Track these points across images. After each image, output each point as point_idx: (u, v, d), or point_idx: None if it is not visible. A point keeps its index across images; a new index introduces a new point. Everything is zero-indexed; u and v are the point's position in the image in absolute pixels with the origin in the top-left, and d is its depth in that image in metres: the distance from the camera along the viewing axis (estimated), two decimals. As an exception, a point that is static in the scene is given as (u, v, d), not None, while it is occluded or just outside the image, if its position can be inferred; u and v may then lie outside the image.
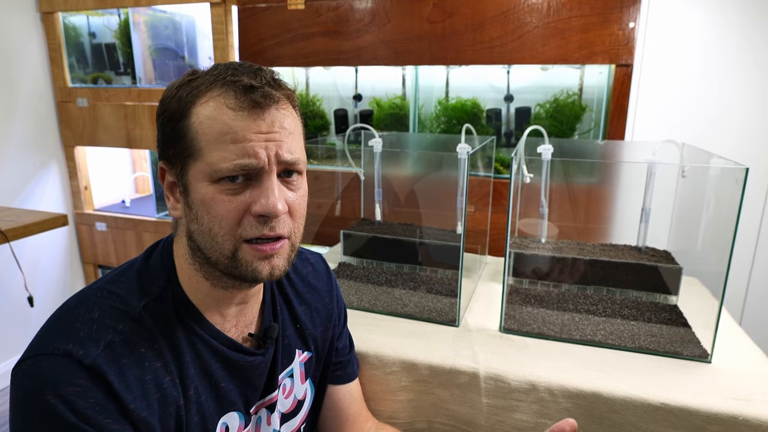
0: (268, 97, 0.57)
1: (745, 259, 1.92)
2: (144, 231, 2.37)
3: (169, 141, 0.59)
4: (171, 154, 0.59)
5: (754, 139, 1.82)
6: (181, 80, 0.60)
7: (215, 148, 0.56)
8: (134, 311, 0.59)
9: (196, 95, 0.57)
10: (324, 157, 1.76)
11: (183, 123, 0.57)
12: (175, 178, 0.60)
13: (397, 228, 1.39)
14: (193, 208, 0.59)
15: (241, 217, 0.57)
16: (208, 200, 0.57)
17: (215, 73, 0.58)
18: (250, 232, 0.58)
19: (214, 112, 0.56)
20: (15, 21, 2.20)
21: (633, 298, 1.13)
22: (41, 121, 2.34)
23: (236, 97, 0.56)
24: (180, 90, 0.58)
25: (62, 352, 0.53)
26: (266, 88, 0.57)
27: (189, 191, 0.58)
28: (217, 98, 0.56)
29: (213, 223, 0.57)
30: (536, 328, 1.02)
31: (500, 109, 1.82)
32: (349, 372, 0.88)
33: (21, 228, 1.64)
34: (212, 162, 0.56)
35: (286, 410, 0.76)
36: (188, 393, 0.60)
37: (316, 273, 0.84)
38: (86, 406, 0.51)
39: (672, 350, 0.93)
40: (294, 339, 0.77)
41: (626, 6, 1.49)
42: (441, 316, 1.07)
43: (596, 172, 1.53)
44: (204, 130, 0.56)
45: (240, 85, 0.56)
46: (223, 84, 0.57)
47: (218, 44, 2.09)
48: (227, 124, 0.55)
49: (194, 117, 0.57)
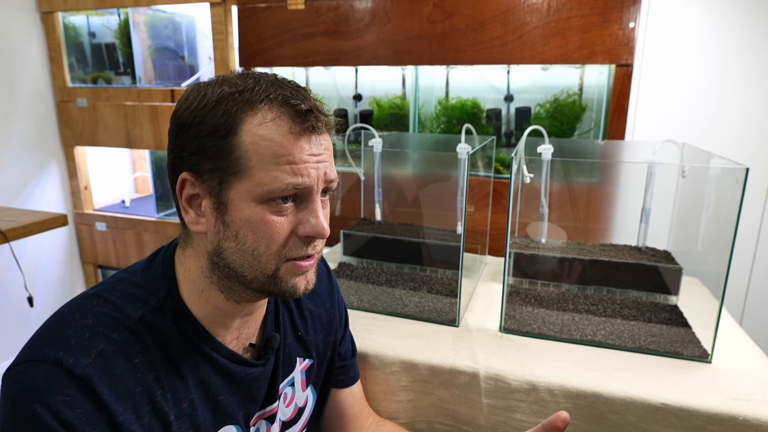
0: (320, 121, 0.58)
1: (745, 259, 1.92)
2: (144, 231, 2.37)
3: (207, 155, 0.56)
4: (206, 168, 0.56)
5: (754, 139, 1.82)
6: (220, 91, 0.56)
7: (268, 169, 0.55)
8: (129, 321, 0.57)
9: (246, 111, 0.55)
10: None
11: (230, 140, 0.55)
12: (206, 192, 0.58)
13: (397, 228, 1.39)
14: (232, 227, 0.57)
15: (288, 238, 0.58)
16: (256, 221, 0.56)
17: (263, 90, 0.56)
18: (295, 252, 0.59)
19: (271, 133, 0.55)
20: (15, 21, 2.20)
21: (633, 298, 1.13)
22: (41, 121, 2.34)
23: (292, 121, 0.56)
24: (225, 103, 0.55)
25: (52, 360, 0.52)
26: (317, 112, 0.57)
27: (229, 209, 0.57)
28: (275, 120, 0.55)
29: (258, 244, 0.57)
30: (536, 328, 1.02)
31: (500, 109, 1.82)
32: (352, 375, 0.88)
33: (21, 228, 1.64)
34: (264, 182, 0.55)
35: (287, 418, 0.76)
36: (181, 406, 0.59)
37: (317, 278, 0.83)
38: (74, 417, 0.50)
39: (672, 350, 0.93)
40: (295, 347, 0.76)
41: (626, 6, 1.49)
42: (441, 316, 1.07)
43: (596, 172, 1.53)
44: (257, 149, 0.55)
45: (298, 109, 0.56)
46: (279, 104, 0.56)
47: (218, 44, 2.09)
48: (284, 146, 0.55)
49: (245, 135, 0.55)
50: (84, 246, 2.53)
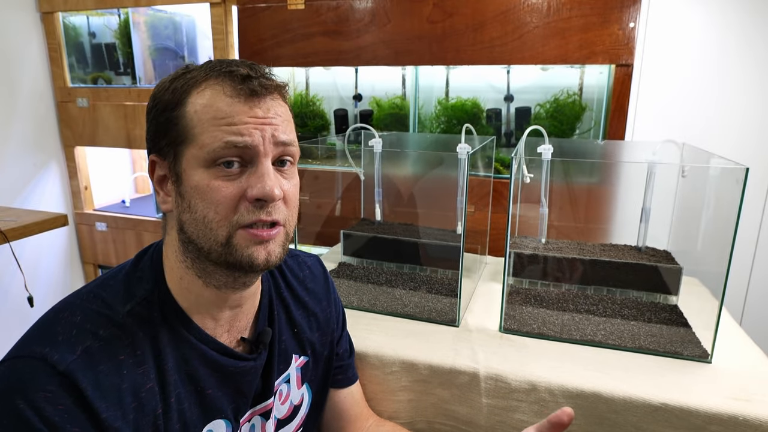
0: (265, 86, 0.58)
1: (745, 259, 1.92)
2: (144, 231, 2.37)
3: (161, 131, 0.59)
4: (163, 144, 0.59)
5: (754, 139, 1.82)
6: (175, 74, 0.60)
7: (209, 131, 0.56)
8: (118, 316, 0.58)
9: (192, 85, 0.58)
10: (324, 157, 1.76)
11: (177, 111, 0.58)
12: (167, 169, 0.60)
13: (397, 228, 1.39)
14: (185, 197, 0.58)
15: (237, 203, 0.57)
16: (203, 186, 0.57)
17: (211, 65, 0.59)
18: (246, 218, 0.57)
19: (210, 99, 0.57)
20: (15, 21, 2.20)
21: (633, 298, 1.13)
22: (41, 121, 2.34)
23: (233, 86, 0.57)
24: (174, 82, 0.59)
25: (38, 356, 0.52)
26: (262, 79, 0.58)
27: (182, 180, 0.58)
28: (213, 86, 0.58)
29: (208, 210, 0.57)
30: (536, 328, 1.02)
31: (500, 109, 1.82)
32: (350, 375, 0.88)
33: (21, 228, 1.64)
34: (205, 144, 0.56)
35: (282, 416, 0.76)
36: (169, 400, 0.59)
37: (313, 277, 0.83)
38: (54, 413, 0.50)
39: (672, 350, 0.93)
40: (291, 344, 0.76)
41: (626, 6, 1.49)
42: (441, 316, 1.07)
43: (596, 172, 1.53)
44: (199, 116, 0.57)
45: (237, 74, 0.57)
46: (219, 74, 0.58)
47: (218, 44, 2.09)
48: (222, 109, 0.56)
49: (189, 105, 0.57)
50: (84, 246, 2.53)
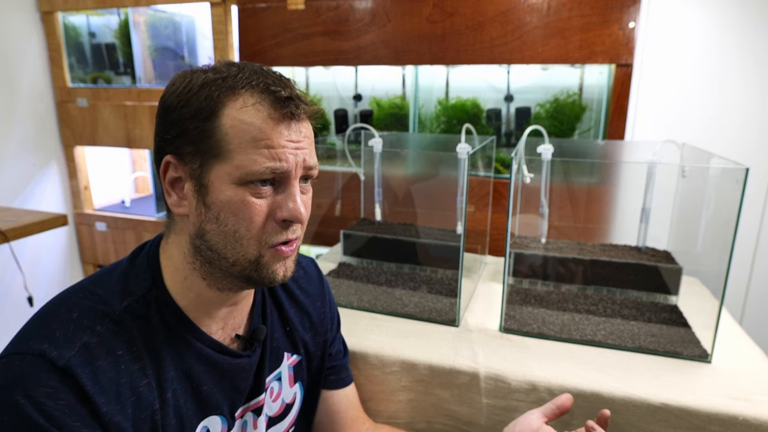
0: (300, 109, 0.59)
1: (745, 259, 1.92)
2: (144, 231, 2.37)
3: (189, 138, 0.58)
4: (187, 150, 0.58)
5: (754, 139, 1.82)
6: (204, 76, 0.58)
7: (247, 152, 0.56)
8: (114, 312, 0.58)
9: (228, 96, 0.57)
10: (324, 157, 1.76)
11: (212, 123, 0.57)
12: (187, 174, 0.59)
13: (397, 228, 1.39)
14: (212, 209, 0.58)
15: (266, 222, 0.59)
16: (236, 202, 0.57)
17: (246, 74, 0.58)
18: (275, 238, 0.60)
19: (251, 117, 0.56)
20: (15, 21, 2.20)
21: (633, 298, 1.13)
22: (41, 121, 2.34)
23: (274, 107, 0.57)
24: (207, 88, 0.57)
25: (36, 352, 0.52)
26: (297, 100, 0.59)
27: (208, 191, 0.58)
28: (255, 105, 0.57)
29: (239, 226, 0.58)
30: (536, 328, 1.02)
31: (500, 109, 1.82)
32: (344, 377, 0.87)
33: (21, 228, 1.64)
34: (243, 165, 0.56)
35: (274, 414, 0.76)
36: (165, 396, 0.59)
37: (308, 277, 0.84)
38: (56, 408, 0.50)
39: (672, 350, 0.93)
40: (283, 342, 0.76)
41: (626, 6, 1.49)
42: (441, 316, 1.07)
43: (596, 172, 1.53)
44: (237, 133, 0.56)
45: (278, 95, 0.57)
46: (258, 90, 0.57)
47: (218, 44, 2.09)
48: (263, 131, 0.56)
49: (226, 119, 0.56)
50: (84, 246, 2.53)
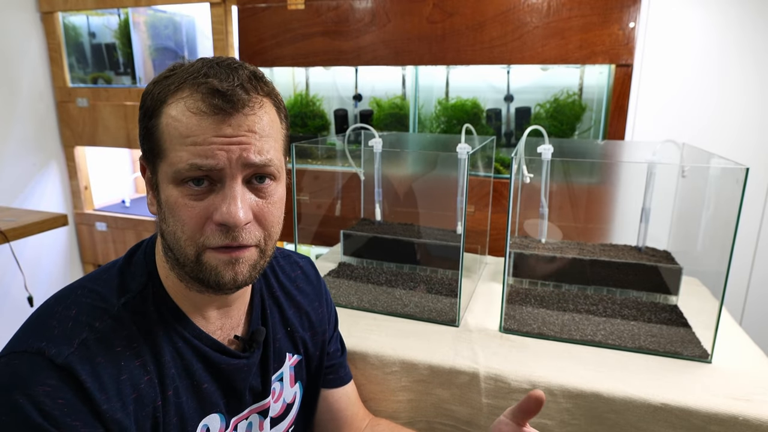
0: (237, 101, 0.54)
1: (745, 259, 1.92)
2: (144, 231, 2.37)
3: (143, 138, 0.58)
4: (145, 150, 0.59)
5: (754, 139, 1.82)
6: (160, 76, 0.58)
7: (176, 149, 0.54)
8: (113, 309, 0.58)
9: (167, 93, 0.56)
10: (324, 157, 1.76)
11: (153, 122, 0.56)
12: (150, 174, 0.60)
13: (397, 228, 1.39)
14: (162, 208, 0.58)
15: (204, 224, 0.56)
16: (171, 203, 0.56)
17: (190, 71, 0.56)
18: (213, 241, 0.56)
19: (178, 114, 0.55)
20: (15, 21, 2.20)
21: (633, 298, 1.13)
22: (41, 121, 2.34)
23: (202, 100, 0.54)
24: (155, 87, 0.57)
25: (35, 350, 0.52)
26: (237, 90, 0.54)
27: (159, 190, 0.58)
28: (185, 99, 0.54)
29: (176, 227, 0.56)
30: (536, 328, 1.02)
31: (500, 109, 1.82)
32: (342, 375, 0.87)
33: (21, 228, 1.64)
34: (173, 162, 0.55)
35: (275, 414, 0.76)
36: (167, 393, 0.59)
37: (305, 277, 0.84)
38: (54, 407, 0.50)
39: (672, 350, 0.93)
40: (284, 342, 0.76)
41: (626, 6, 1.49)
42: (441, 316, 1.07)
43: (596, 172, 1.53)
44: (169, 131, 0.55)
45: (207, 87, 0.54)
46: (192, 85, 0.55)
47: (218, 44, 2.09)
48: (188, 126, 0.54)
49: (163, 117, 0.56)
50: (84, 246, 2.53)
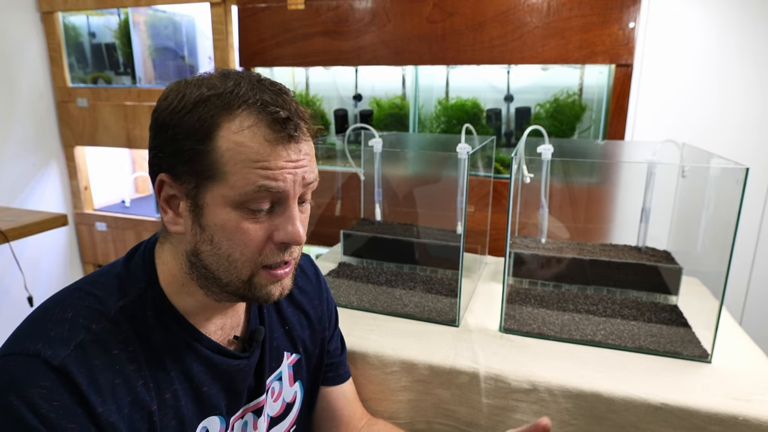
0: (297, 128, 0.56)
1: (745, 259, 1.92)
2: (144, 231, 2.37)
3: (183, 158, 0.56)
4: (182, 170, 0.56)
5: (754, 139, 1.82)
6: (198, 94, 0.55)
7: (243, 172, 0.54)
8: (110, 312, 0.57)
9: (223, 116, 0.55)
10: (324, 157, 1.76)
11: (207, 145, 0.54)
12: (182, 194, 0.58)
13: (397, 228, 1.39)
14: (207, 231, 0.57)
15: (264, 245, 0.58)
16: (231, 227, 0.56)
17: (241, 94, 0.55)
18: (271, 259, 0.59)
19: (247, 140, 0.54)
20: (15, 21, 2.20)
21: (633, 298, 1.13)
22: (41, 121, 2.34)
23: (272, 128, 0.55)
24: (201, 107, 0.55)
25: (31, 352, 0.52)
26: (296, 118, 0.56)
27: (203, 213, 0.57)
28: (252, 128, 0.54)
29: (233, 250, 0.57)
30: (536, 328, 1.02)
31: (500, 109, 1.82)
32: (342, 373, 0.88)
33: (21, 228, 1.64)
34: (237, 185, 0.54)
35: (275, 414, 0.76)
36: (164, 397, 0.59)
37: (305, 275, 0.84)
38: (50, 410, 0.50)
39: (672, 350, 0.93)
40: (283, 341, 0.76)
41: (626, 6, 1.49)
42: (441, 316, 1.07)
43: (596, 172, 1.53)
44: (232, 154, 0.54)
45: (276, 117, 0.55)
46: (255, 109, 0.55)
47: (218, 44, 2.09)
48: (260, 153, 0.54)
49: (221, 141, 0.54)
50: (84, 246, 2.53)
